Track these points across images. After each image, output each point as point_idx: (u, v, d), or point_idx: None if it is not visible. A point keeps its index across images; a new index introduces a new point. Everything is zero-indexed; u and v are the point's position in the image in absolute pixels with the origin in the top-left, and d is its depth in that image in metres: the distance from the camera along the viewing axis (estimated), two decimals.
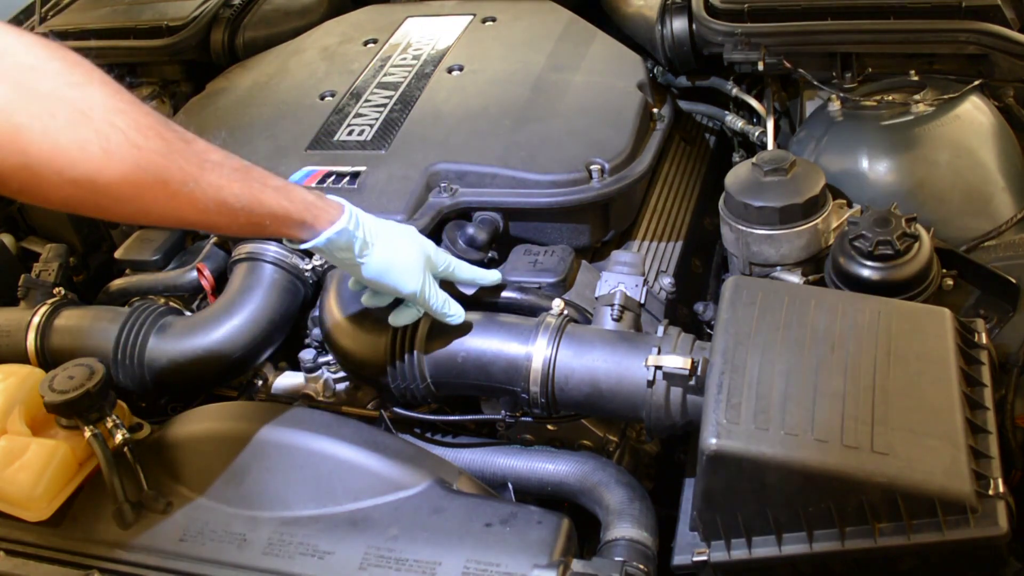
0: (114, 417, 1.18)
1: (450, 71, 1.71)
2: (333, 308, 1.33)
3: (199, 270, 1.50)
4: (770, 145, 1.64)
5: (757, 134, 1.71)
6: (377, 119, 1.59)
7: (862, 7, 1.61)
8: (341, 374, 1.38)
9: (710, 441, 0.97)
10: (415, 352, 1.22)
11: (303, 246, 1.07)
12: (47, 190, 0.84)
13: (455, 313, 1.19)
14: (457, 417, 1.33)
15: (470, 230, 1.40)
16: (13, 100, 0.80)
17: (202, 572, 1.07)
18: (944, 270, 1.28)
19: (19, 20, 2.25)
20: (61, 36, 2.14)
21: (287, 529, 1.09)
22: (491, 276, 1.27)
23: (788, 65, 1.63)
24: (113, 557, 1.11)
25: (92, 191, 0.84)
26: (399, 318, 1.20)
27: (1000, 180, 1.45)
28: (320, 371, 1.39)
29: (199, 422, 1.22)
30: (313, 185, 1.46)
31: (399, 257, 1.13)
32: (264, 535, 1.09)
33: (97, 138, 0.82)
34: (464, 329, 1.22)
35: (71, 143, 0.81)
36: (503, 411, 1.27)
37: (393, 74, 1.73)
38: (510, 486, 1.24)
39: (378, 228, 1.14)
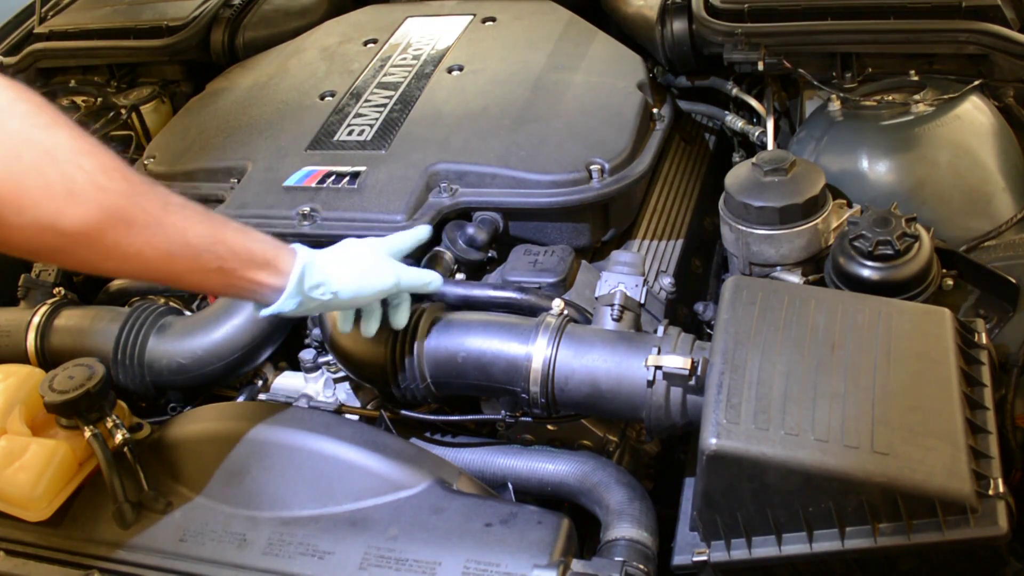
0: (114, 417, 1.18)
1: (450, 71, 1.71)
2: None
3: None
4: (770, 145, 1.64)
5: (757, 134, 1.71)
6: (377, 119, 1.59)
7: (862, 7, 1.61)
8: (341, 374, 1.38)
9: (710, 441, 0.97)
10: (415, 352, 1.22)
11: (269, 311, 1.05)
12: (8, 233, 0.83)
13: (431, 279, 1.19)
14: (457, 417, 1.33)
15: (470, 230, 1.40)
16: None
17: (202, 572, 1.07)
18: (944, 270, 1.28)
19: (19, 20, 2.25)
20: (61, 36, 2.15)
21: (287, 529, 1.09)
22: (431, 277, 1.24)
23: (788, 65, 1.63)
24: (113, 557, 1.11)
25: (55, 233, 0.84)
26: (398, 318, 1.20)
27: (1000, 180, 1.45)
28: (320, 371, 1.39)
29: (199, 422, 1.22)
30: (313, 185, 1.46)
31: (363, 272, 1.13)
32: (264, 535, 1.09)
33: (62, 180, 0.82)
34: (464, 329, 1.22)
35: (36, 185, 0.81)
36: (503, 411, 1.27)
37: (393, 74, 1.73)
38: (510, 486, 1.24)
39: (331, 253, 1.13)
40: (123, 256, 0.90)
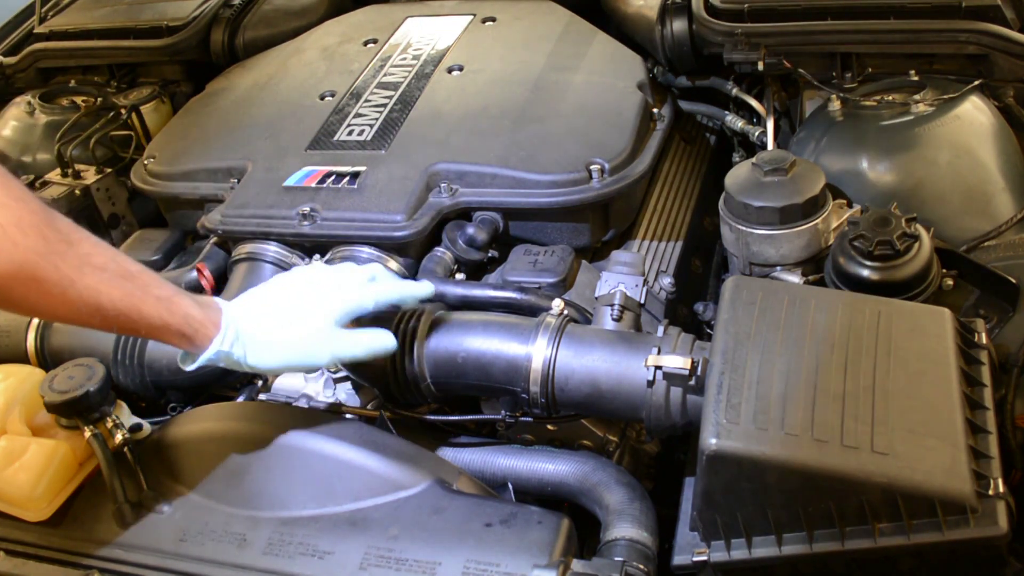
0: (114, 417, 1.18)
1: (450, 71, 1.71)
2: None
3: (199, 270, 1.50)
4: (770, 145, 1.64)
5: (757, 134, 1.71)
6: (377, 119, 1.59)
7: (862, 7, 1.61)
8: (341, 374, 1.38)
9: (710, 441, 0.97)
10: (415, 352, 1.22)
11: (188, 368, 1.06)
12: None
13: (382, 343, 1.13)
14: (457, 417, 1.33)
15: (470, 230, 1.40)
16: None
17: (202, 572, 1.07)
18: (944, 270, 1.28)
19: (19, 20, 2.26)
20: (61, 36, 2.15)
21: (287, 529, 1.09)
22: (422, 288, 1.20)
23: (788, 65, 1.63)
24: (113, 557, 1.11)
25: None
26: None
27: (1000, 180, 1.45)
28: (320, 371, 1.39)
29: (199, 422, 1.22)
30: (313, 185, 1.46)
31: (289, 349, 1.08)
32: (264, 535, 1.09)
33: None
34: (464, 329, 1.22)
35: None
36: (503, 411, 1.27)
37: (393, 74, 1.73)
38: (510, 486, 1.24)
39: (260, 324, 1.08)
40: (32, 309, 0.92)
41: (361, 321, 1.15)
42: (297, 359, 1.09)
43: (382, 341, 1.13)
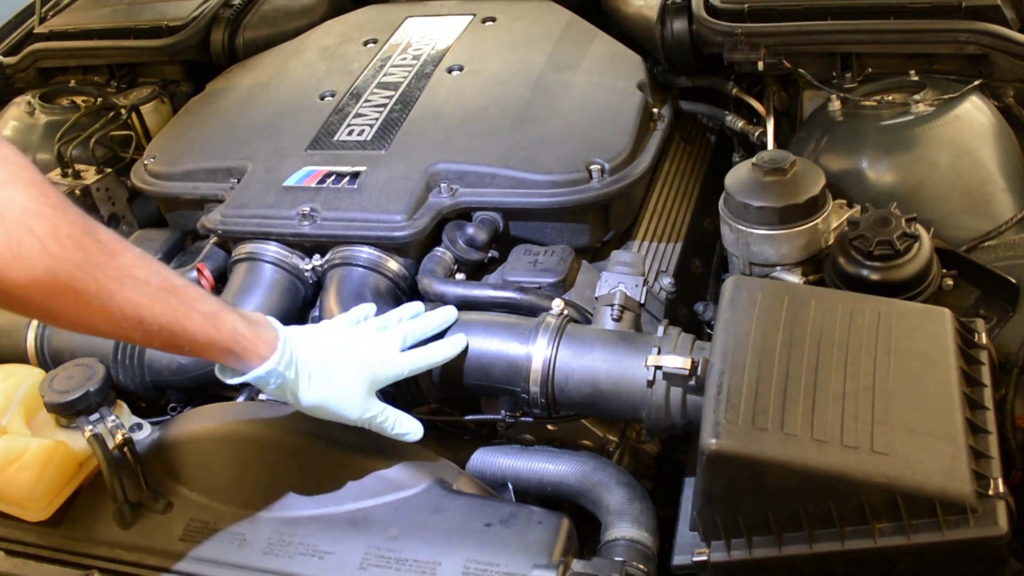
0: (114, 417, 1.18)
1: (450, 71, 1.71)
2: (333, 308, 1.33)
3: (199, 270, 1.50)
4: (770, 145, 1.64)
5: (757, 134, 1.71)
6: (377, 119, 1.59)
7: (862, 7, 1.61)
8: None
9: (710, 441, 0.97)
10: None
11: (229, 380, 1.03)
12: None
13: (409, 431, 1.13)
14: (457, 417, 1.33)
15: (470, 230, 1.40)
16: None
17: (202, 572, 1.08)
18: (944, 270, 1.28)
19: (19, 20, 2.26)
20: (61, 36, 2.15)
21: (287, 529, 1.09)
22: (455, 345, 1.19)
23: (788, 65, 1.63)
24: (113, 557, 1.11)
25: None
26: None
27: (1000, 180, 1.45)
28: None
29: (199, 422, 1.22)
30: (313, 185, 1.46)
31: (334, 389, 1.07)
32: (264, 535, 1.09)
33: (8, 239, 0.79)
34: (464, 329, 1.22)
35: None
36: (503, 411, 1.27)
37: (393, 74, 1.73)
38: (510, 486, 1.24)
39: (315, 356, 1.07)
40: (70, 322, 0.88)
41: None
42: (334, 404, 1.08)
43: (410, 429, 1.13)
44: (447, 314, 1.21)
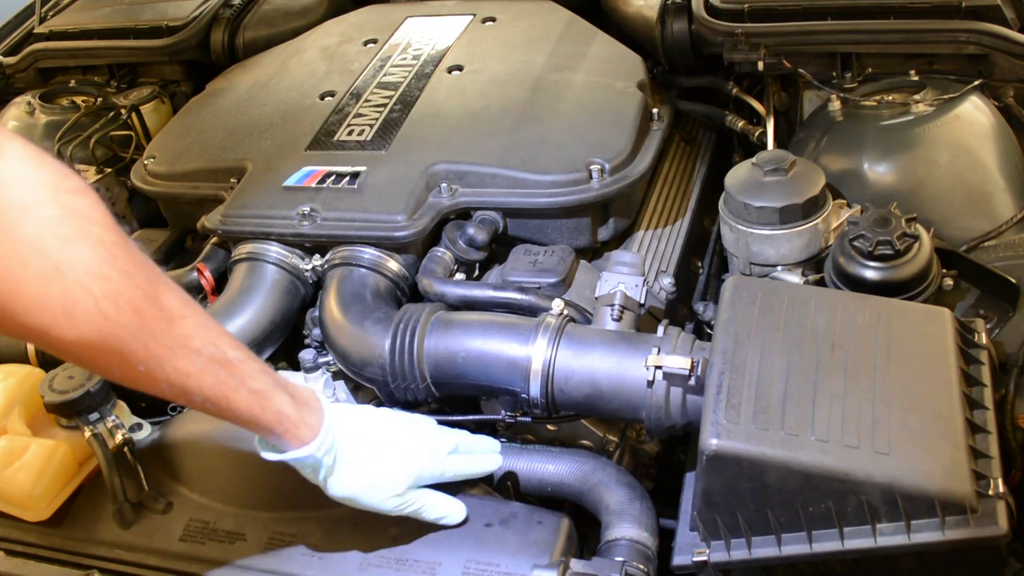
0: (114, 417, 1.18)
1: (450, 71, 1.71)
2: (333, 308, 1.33)
3: (199, 270, 1.50)
4: (770, 145, 1.64)
5: (757, 134, 1.71)
6: (377, 119, 1.59)
7: (862, 7, 1.61)
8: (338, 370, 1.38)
9: (710, 441, 0.97)
10: (415, 352, 1.22)
11: (266, 456, 1.02)
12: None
13: (446, 514, 1.09)
14: (457, 417, 1.33)
15: (470, 230, 1.40)
16: None
17: (202, 572, 1.08)
18: (944, 270, 1.28)
19: (19, 20, 2.25)
20: (61, 36, 2.15)
21: (287, 529, 1.09)
22: (492, 465, 1.16)
23: (788, 65, 1.63)
24: (113, 557, 1.11)
25: (44, 341, 0.81)
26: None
27: (1000, 180, 1.45)
28: (320, 371, 1.39)
29: (199, 422, 1.22)
30: (313, 185, 1.46)
31: (369, 482, 1.04)
32: (264, 535, 1.09)
33: (63, 298, 0.78)
34: (464, 329, 1.22)
35: (33, 294, 0.77)
36: (503, 411, 1.27)
37: (393, 74, 1.73)
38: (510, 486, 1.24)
39: (354, 447, 1.04)
40: (115, 378, 0.88)
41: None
42: (366, 498, 1.05)
43: (448, 512, 1.09)
44: (494, 464, 1.17)
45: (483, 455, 1.16)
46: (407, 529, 1.06)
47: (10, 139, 0.79)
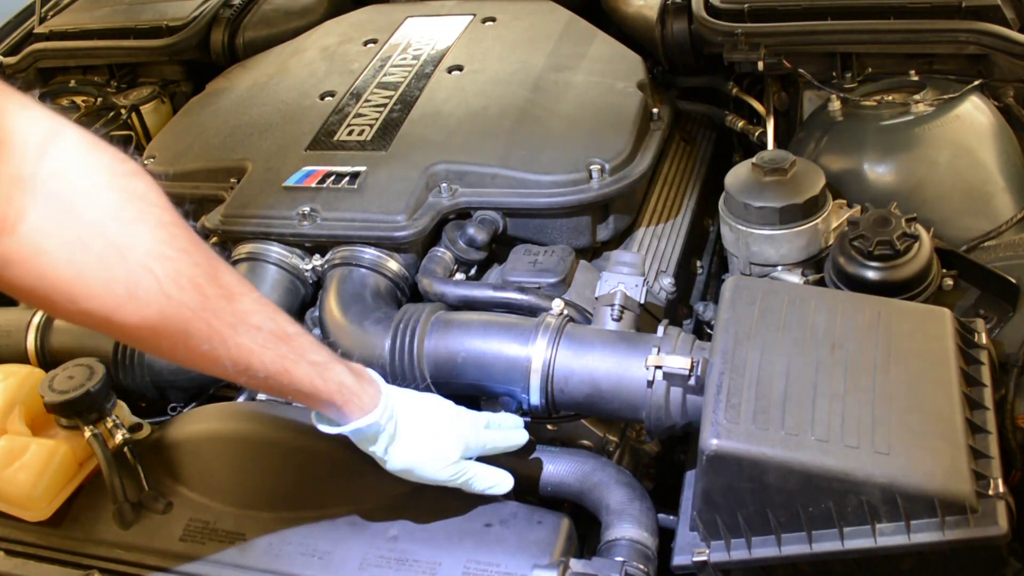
0: (114, 417, 1.18)
1: (450, 71, 1.71)
2: (333, 308, 1.33)
3: None
4: (770, 145, 1.64)
5: (757, 134, 1.71)
6: (377, 119, 1.59)
7: (862, 7, 1.61)
8: None
9: (710, 441, 0.97)
10: (415, 352, 1.22)
11: (327, 429, 1.02)
12: (59, 312, 0.81)
13: (496, 483, 1.10)
14: None
15: (470, 230, 1.40)
16: (48, 223, 0.76)
17: (202, 572, 1.08)
18: (944, 270, 1.28)
19: (19, 20, 2.25)
20: (61, 36, 2.15)
21: (287, 529, 1.09)
22: (521, 439, 1.17)
23: (788, 65, 1.63)
24: (113, 557, 1.11)
25: (107, 326, 0.81)
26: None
27: (1000, 180, 1.45)
28: None
29: (199, 422, 1.22)
30: (313, 185, 1.46)
31: (426, 452, 1.06)
32: (264, 535, 1.09)
33: (126, 279, 0.78)
34: (464, 329, 1.22)
35: (96, 279, 0.78)
36: (503, 411, 1.27)
37: (393, 74, 1.73)
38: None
39: (411, 417, 1.06)
40: (179, 359, 0.88)
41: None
42: (425, 468, 1.06)
43: (497, 481, 1.11)
44: (522, 438, 1.18)
45: (513, 430, 1.17)
46: (407, 529, 1.06)
47: (65, 125, 0.79)
